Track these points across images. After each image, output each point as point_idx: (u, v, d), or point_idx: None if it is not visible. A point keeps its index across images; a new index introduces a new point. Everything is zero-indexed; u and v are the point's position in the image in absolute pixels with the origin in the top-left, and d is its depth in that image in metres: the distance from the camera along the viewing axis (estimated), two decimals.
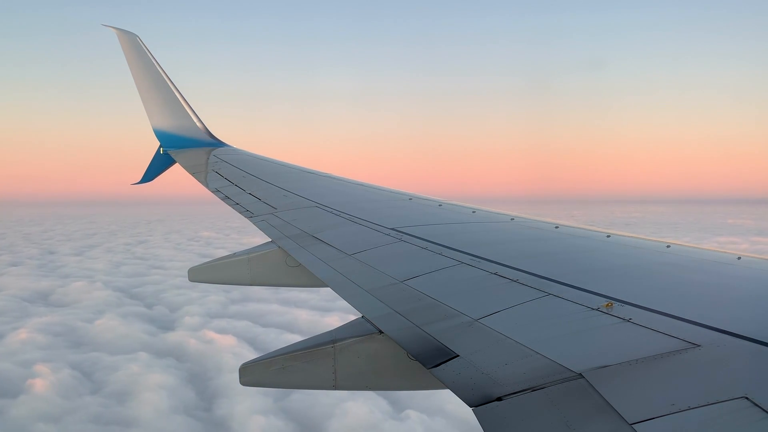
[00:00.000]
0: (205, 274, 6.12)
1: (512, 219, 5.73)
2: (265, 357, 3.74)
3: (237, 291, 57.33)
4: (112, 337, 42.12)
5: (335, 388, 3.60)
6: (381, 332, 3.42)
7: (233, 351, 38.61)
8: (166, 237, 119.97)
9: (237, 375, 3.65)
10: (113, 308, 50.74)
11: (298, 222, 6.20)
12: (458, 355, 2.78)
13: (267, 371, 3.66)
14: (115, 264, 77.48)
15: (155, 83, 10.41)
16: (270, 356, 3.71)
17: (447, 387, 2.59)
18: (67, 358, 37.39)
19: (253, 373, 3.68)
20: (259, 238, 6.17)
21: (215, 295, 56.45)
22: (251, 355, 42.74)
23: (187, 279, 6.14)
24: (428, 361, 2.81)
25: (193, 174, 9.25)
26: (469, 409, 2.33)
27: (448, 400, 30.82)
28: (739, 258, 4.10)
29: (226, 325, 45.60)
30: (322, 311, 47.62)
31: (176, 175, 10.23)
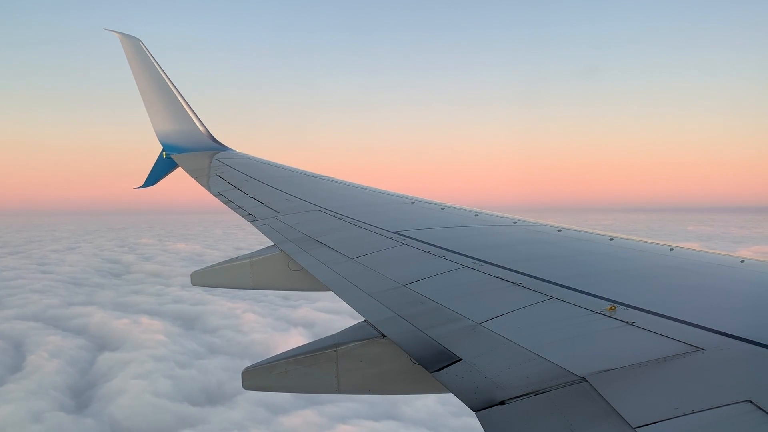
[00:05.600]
0: (207, 278, 6.12)
1: (515, 222, 5.73)
2: (268, 361, 3.73)
3: (82, 296, 59.73)
4: None
5: (338, 392, 3.60)
6: (384, 336, 3.42)
7: None
8: (101, 244, 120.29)
9: None
10: None
11: (300, 225, 6.20)
12: (461, 359, 2.77)
13: (269, 375, 3.65)
14: (10, 268, 79.18)
15: (158, 87, 10.42)
16: (272, 360, 3.70)
17: (450, 391, 2.58)
18: None
19: (255, 378, 3.68)
20: (194, 243, 6.10)
21: (56, 299, 58.12)
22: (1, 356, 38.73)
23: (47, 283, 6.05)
24: (431, 365, 2.81)
25: (195, 178, 9.24)
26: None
27: (123, 405, 31.72)
28: (742, 261, 4.09)
29: (22, 326, 47.03)
30: (124, 313, 49.15)
31: (179, 179, 10.25)
